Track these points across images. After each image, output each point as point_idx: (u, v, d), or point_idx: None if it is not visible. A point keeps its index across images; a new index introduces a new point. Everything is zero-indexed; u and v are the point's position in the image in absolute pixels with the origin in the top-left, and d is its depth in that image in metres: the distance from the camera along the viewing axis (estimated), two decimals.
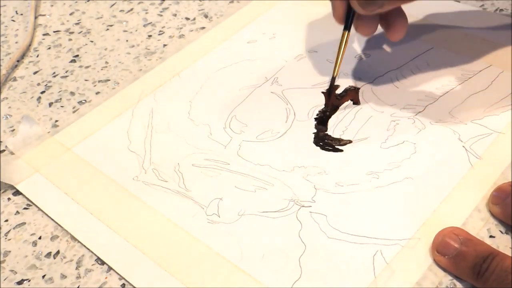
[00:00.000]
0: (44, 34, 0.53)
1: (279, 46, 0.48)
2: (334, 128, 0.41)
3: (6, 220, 0.38)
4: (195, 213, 0.36)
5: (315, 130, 0.41)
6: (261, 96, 0.44)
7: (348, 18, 0.40)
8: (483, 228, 0.34)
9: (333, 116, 0.42)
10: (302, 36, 0.49)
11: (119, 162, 0.40)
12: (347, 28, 0.40)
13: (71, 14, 0.55)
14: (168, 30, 0.52)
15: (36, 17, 0.55)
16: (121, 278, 0.34)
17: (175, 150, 0.41)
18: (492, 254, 0.31)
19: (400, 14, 0.41)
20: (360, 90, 0.43)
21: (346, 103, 0.43)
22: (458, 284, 0.32)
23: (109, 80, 0.47)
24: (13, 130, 0.44)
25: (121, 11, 0.55)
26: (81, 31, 0.53)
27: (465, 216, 0.35)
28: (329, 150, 0.39)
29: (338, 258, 0.33)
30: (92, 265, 0.35)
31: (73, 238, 0.36)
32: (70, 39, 0.52)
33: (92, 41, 0.52)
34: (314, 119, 0.42)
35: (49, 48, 0.52)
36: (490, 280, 0.30)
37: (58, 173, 0.40)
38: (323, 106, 0.43)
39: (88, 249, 0.35)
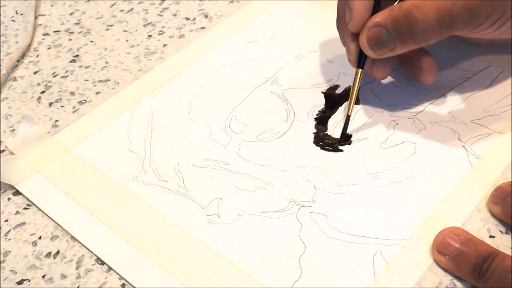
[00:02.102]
0: (44, 34, 0.53)
1: (279, 46, 0.48)
2: (334, 128, 0.41)
3: (6, 220, 0.38)
4: (195, 213, 0.36)
5: (315, 130, 0.41)
6: (261, 96, 0.44)
7: (361, 56, 0.39)
8: (483, 228, 0.34)
9: (333, 116, 0.42)
10: (302, 36, 0.49)
11: (119, 162, 0.40)
12: (360, 66, 0.39)
13: (71, 14, 0.55)
14: (168, 30, 0.52)
15: (36, 17, 0.55)
16: (121, 278, 0.34)
17: (175, 150, 0.41)
18: (493, 254, 0.31)
19: (427, 55, 0.40)
20: (360, 90, 0.43)
21: (346, 103, 0.43)
22: (458, 284, 0.32)
23: (109, 80, 0.47)
24: (13, 130, 0.44)
25: (121, 11, 0.55)
26: (81, 31, 0.53)
27: (465, 216, 0.35)
28: (329, 150, 0.39)
29: (338, 258, 0.33)
30: (92, 265, 0.35)
31: (73, 238, 0.36)
32: (70, 39, 0.52)
33: (92, 41, 0.52)
34: (314, 119, 0.42)
35: (49, 48, 0.52)
36: (491, 280, 0.30)
37: (58, 173, 0.40)
38: (323, 106, 0.43)
39: (88, 249, 0.35)
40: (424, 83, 0.41)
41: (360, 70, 0.39)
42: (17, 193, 0.39)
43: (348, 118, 0.40)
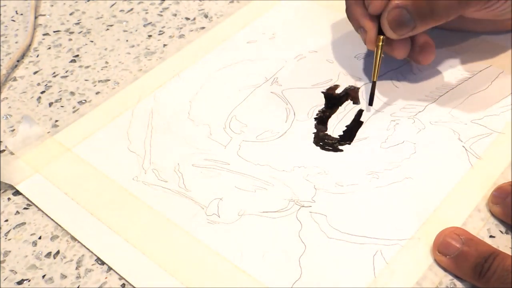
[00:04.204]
0: (44, 34, 0.53)
1: (279, 46, 0.48)
2: (334, 128, 0.41)
3: (6, 220, 0.38)
4: (195, 213, 0.36)
5: (315, 130, 0.41)
6: (261, 96, 0.44)
7: (381, 29, 0.41)
8: (483, 228, 0.34)
9: (333, 116, 0.42)
10: (302, 36, 0.49)
11: (119, 162, 0.40)
12: (381, 33, 0.41)
13: (71, 14, 0.55)
14: (168, 30, 0.52)
15: (36, 17, 0.55)
16: (121, 278, 0.34)
17: (175, 150, 0.41)
18: (494, 254, 0.31)
19: (423, 35, 0.41)
20: (360, 90, 0.43)
21: (346, 103, 0.43)
22: (458, 284, 0.32)
23: (109, 80, 0.47)
24: (13, 130, 0.44)
25: (121, 11, 0.55)
26: (81, 31, 0.53)
27: (465, 216, 0.35)
28: (329, 150, 0.39)
29: (338, 258, 0.33)
30: (92, 265, 0.35)
31: (73, 238, 0.36)
32: (70, 39, 0.52)
33: (92, 41, 0.52)
34: (314, 119, 0.42)
35: (49, 48, 0.52)
36: (492, 280, 0.30)
37: (58, 173, 0.40)
38: (323, 106, 0.43)
39: (88, 249, 0.35)
40: (422, 63, 0.42)
41: (382, 37, 0.41)
42: (17, 193, 0.39)
43: (374, 84, 0.41)
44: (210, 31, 0.51)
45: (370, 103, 0.42)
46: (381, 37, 0.41)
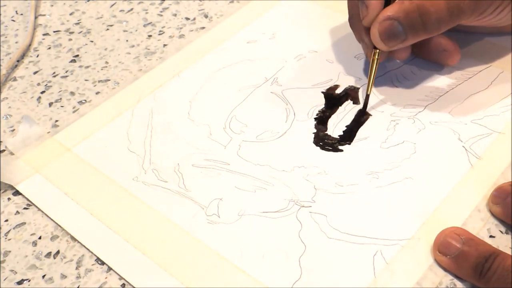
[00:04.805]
0: (44, 34, 0.53)
1: (279, 46, 0.48)
2: (334, 128, 0.41)
3: (6, 220, 0.38)
4: (195, 213, 0.36)
5: (315, 130, 0.41)
6: (261, 96, 0.44)
7: None
8: (483, 228, 0.34)
9: (333, 116, 0.42)
10: (302, 36, 0.49)
11: (119, 162, 0.40)
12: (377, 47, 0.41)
13: (71, 14, 0.55)
14: (168, 30, 0.52)
15: (36, 17, 0.55)
16: (121, 278, 0.34)
17: (175, 150, 0.41)
18: (494, 254, 0.31)
19: (445, 37, 0.42)
20: (360, 90, 0.43)
21: (346, 103, 0.43)
22: (458, 284, 0.32)
23: (109, 80, 0.47)
24: (13, 130, 0.44)
25: (121, 11, 0.55)
26: (81, 31, 0.53)
27: (465, 216, 0.35)
28: (329, 150, 0.39)
29: (338, 258, 0.33)
30: (92, 265, 0.35)
31: (73, 238, 0.36)
32: (70, 39, 0.52)
33: (92, 41, 0.52)
34: (314, 119, 0.42)
35: (49, 48, 0.52)
36: (492, 279, 0.30)
37: (58, 173, 0.40)
38: (323, 106, 0.43)
39: (88, 249, 0.35)
40: (449, 65, 0.43)
41: (378, 51, 0.41)
42: (17, 193, 0.39)
43: (367, 97, 0.41)
44: (210, 31, 0.51)
45: (363, 112, 0.41)
46: (377, 50, 0.41)
